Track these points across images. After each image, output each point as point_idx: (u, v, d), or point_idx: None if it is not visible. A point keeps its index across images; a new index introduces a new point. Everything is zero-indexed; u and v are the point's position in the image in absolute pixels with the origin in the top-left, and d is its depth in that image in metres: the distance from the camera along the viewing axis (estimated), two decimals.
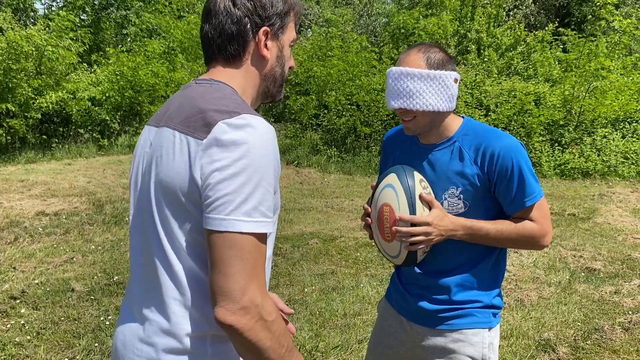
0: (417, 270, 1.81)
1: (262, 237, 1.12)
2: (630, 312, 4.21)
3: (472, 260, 1.76)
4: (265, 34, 1.28)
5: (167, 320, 1.18)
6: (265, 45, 1.29)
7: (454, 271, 1.76)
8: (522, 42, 15.39)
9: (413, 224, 1.64)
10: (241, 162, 1.09)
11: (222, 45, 1.27)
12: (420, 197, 1.66)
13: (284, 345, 1.15)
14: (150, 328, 1.20)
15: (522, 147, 1.69)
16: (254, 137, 1.11)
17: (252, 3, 1.26)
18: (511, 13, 19.67)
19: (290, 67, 1.39)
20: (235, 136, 1.10)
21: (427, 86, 1.66)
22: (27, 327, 3.84)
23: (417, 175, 1.72)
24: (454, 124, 1.77)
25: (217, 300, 1.09)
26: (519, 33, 15.55)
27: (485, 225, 1.68)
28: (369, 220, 1.80)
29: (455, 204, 1.72)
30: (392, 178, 1.71)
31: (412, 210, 1.65)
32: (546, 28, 15.55)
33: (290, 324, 1.48)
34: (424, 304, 1.81)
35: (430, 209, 1.67)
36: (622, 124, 11.35)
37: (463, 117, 1.80)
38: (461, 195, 1.71)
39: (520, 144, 1.69)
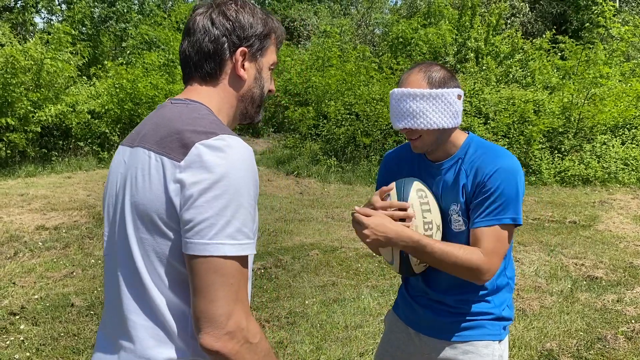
0: (425, 287, 1.82)
1: (244, 260, 1.11)
2: (633, 321, 4.18)
3: None
4: (242, 54, 1.28)
5: (143, 348, 1.16)
6: (243, 66, 1.29)
7: (462, 286, 1.76)
8: (520, 50, 15.44)
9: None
10: (221, 183, 1.07)
11: (199, 63, 1.27)
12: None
13: None
14: (127, 356, 1.18)
15: (517, 170, 1.67)
16: (233, 157, 1.10)
17: (230, 23, 1.26)
18: (509, 21, 19.76)
19: (269, 91, 1.38)
20: (214, 157, 1.08)
21: (430, 105, 1.66)
22: (26, 344, 3.82)
23: (417, 184, 1.72)
24: (459, 140, 1.77)
25: (201, 326, 1.07)
26: (517, 41, 15.61)
27: (433, 244, 1.63)
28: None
29: (457, 221, 1.73)
30: (391, 186, 1.76)
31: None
32: (544, 36, 15.61)
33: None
34: (434, 315, 1.81)
35: (431, 212, 1.71)
36: (621, 130, 11.35)
37: (468, 133, 1.81)
38: (460, 212, 1.72)
39: (517, 167, 1.67)
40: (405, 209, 1.67)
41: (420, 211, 1.69)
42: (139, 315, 1.17)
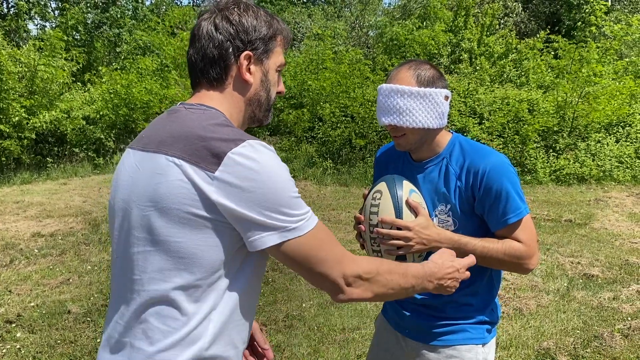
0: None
1: (319, 225, 1.22)
2: (629, 318, 4.20)
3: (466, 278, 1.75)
4: (247, 58, 1.28)
5: (155, 348, 1.17)
6: (248, 70, 1.29)
7: None
8: (514, 50, 15.48)
9: (398, 229, 1.63)
10: (262, 184, 1.13)
11: (205, 69, 1.28)
12: (407, 202, 1.65)
13: (401, 273, 1.31)
14: (137, 356, 1.19)
15: (508, 165, 1.68)
16: (264, 160, 1.14)
17: (234, 27, 1.26)
18: (502, 21, 19.82)
19: (278, 92, 1.38)
20: (250, 164, 1.13)
21: (417, 104, 1.66)
22: (23, 352, 3.81)
23: (407, 185, 1.71)
24: (444, 140, 1.77)
25: (327, 291, 1.24)
26: (510, 41, 15.65)
27: (472, 241, 1.65)
28: (362, 227, 1.77)
29: (445, 221, 1.72)
30: (381, 186, 1.71)
31: (399, 215, 1.64)
32: (537, 35, 15.65)
33: (270, 351, 1.49)
34: (418, 320, 1.81)
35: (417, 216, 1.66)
36: (615, 128, 11.40)
37: (452, 132, 1.81)
38: (450, 212, 1.71)
39: (506, 162, 1.68)
40: (401, 228, 1.64)
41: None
42: (147, 316, 1.18)
